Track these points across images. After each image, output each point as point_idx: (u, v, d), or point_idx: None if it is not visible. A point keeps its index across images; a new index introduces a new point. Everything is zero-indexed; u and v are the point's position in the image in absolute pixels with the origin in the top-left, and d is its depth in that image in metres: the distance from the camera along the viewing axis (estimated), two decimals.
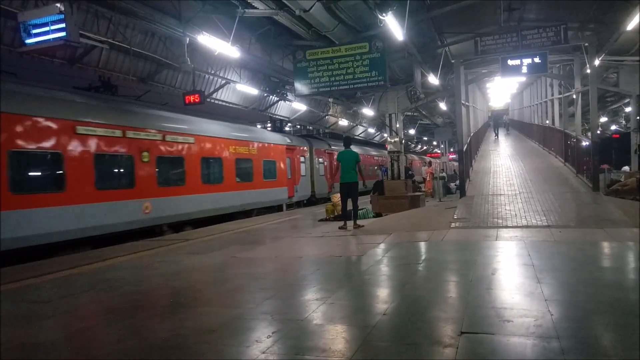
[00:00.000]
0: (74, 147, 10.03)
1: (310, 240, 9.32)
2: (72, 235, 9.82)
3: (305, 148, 21.81)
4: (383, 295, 5.00)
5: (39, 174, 9.92)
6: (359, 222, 10.35)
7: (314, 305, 4.43)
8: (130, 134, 11.42)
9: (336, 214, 12.28)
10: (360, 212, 12.41)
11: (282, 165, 18.76)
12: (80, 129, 10.16)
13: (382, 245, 7.91)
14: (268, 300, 4.78)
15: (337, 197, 11.95)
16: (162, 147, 12.42)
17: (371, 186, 15.07)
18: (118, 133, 11.09)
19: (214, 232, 11.13)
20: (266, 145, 17.84)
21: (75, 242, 9.94)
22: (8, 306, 5.08)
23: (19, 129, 9.00)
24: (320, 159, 22.56)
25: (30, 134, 9.21)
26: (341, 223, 10.33)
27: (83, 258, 8.07)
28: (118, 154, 11.19)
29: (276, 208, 18.38)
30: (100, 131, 10.66)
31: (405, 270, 6.09)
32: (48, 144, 9.53)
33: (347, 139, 11.29)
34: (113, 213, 10.79)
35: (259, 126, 23.30)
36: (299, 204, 20.81)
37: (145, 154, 11.78)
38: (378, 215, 12.74)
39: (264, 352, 3.29)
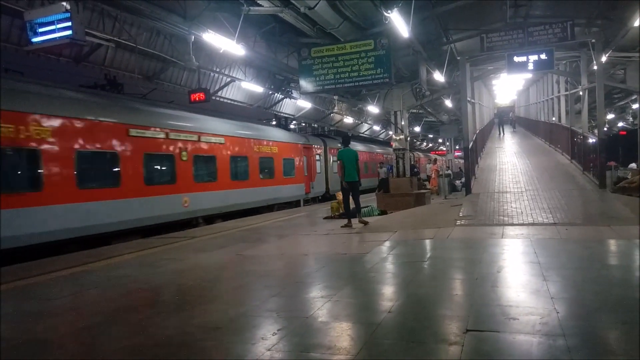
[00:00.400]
0: (127, 147, 11.24)
1: (315, 238, 9.33)
2: (125, 226, 10.97)
3: (320, 147, 22.88)
4: (388, 293, 5.00)
5: (99, 171, 11.04)
6: (358, 219, 10.38)
7: (319, 302, 4.43)
8: (172, 135, 12.65)
9: (341, 211, 12.29)
10: (365, 209, 12.43)
11: (299, 163, 19.93)
12: (132, 132, 11.37)
13: (387, 243, 7.90)
14: (273, 298, 4.80)
15: (341, 195, 11.97)
16: (197, 147, 13.60)
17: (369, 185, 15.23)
18: (162, 135, 12.32)
19: (220, 229, 11.16)
20: (286, 144, 19.04)
21: (127, 232, 11.04)
22: (16, 303, 5.13)
23: (85, 132, 10.21)
24: (334, 157, 23.30)
25: (94, 136, 10.43)
26: (344, 221, 10.35)
27: (89, 256, 8.12)
28: (162, 153, 12.41)
29: (294, 203, 19.33)
30: (148, 133, 11.88)
31: (411, 268, 6.09)
32: (107, 144, 10.78)
33: (346, 137, 11.26)
34: (159, 206, 11.99)
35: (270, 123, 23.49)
36: (315, 200, 21.62)
37: (184, 153, 13.00)
38: (383, 212, 12.74)
39: (269, 350, 3.30)
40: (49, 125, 9.40)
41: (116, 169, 10.98)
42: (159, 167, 12.56)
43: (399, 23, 10.82)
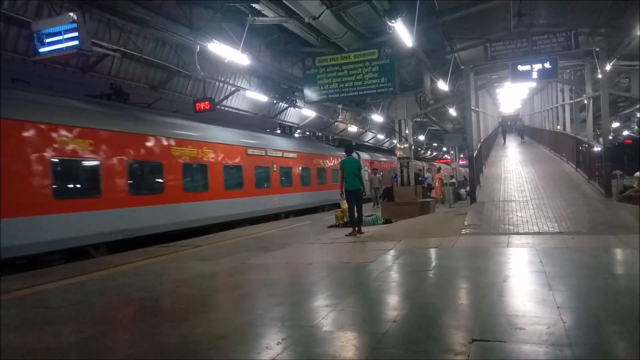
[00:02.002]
0: (246, 162, 16.13)
1: (319, 246, 9.31)
2: (245, 217, 15.48)
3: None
4: (393, 302, 4.97)
5: (233, 179, 15.44)
6: (363, 229, 10.37)
7: (324, 311, 4.42)
8: (269, 152, 17.68)
9: (345, 220, 12.27)
10: (369, 218, 12.41)
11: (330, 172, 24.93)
12: (249, 151, 16.37)
13: (392, 252, 7.88)
14: (278, 307, 4.79)
15: (346, 204, 11.96)
16: (281, 161, 18.52)
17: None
18: (263, 153, 17.36)
19: (224, 238, 11.17)
20: (332, 157, 24.10)
21: (245, 221, 15.38)
22: (21, 312, 5.14)
23: (227, 152, 15.18)
24: (365, 168, 26.36)
25: (232, 155, 15.42)
26: (349, 230, 10.35)
27: (95, 264, 8.14)
28: (265, 166, 17.24)
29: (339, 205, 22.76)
30: (257, 152, 16.81)
31: (416, 277, 6.07)
32: (236, 161, 15.64)
33: (349, 146, 11.27)
34: (261, 204, 16.78)
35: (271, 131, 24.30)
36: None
37: (274, 165, 17.98)
38: (388, 221, 12.71)
39: (274, 359, 3.29)
40: (214, 150, 14.38)
41: (240, 177, 15.65)
42: (262, 176, 17.12)
43: (403, 32, 10.87)
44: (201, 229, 13.04)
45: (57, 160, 9.53)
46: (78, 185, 10.51)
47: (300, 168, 20.05)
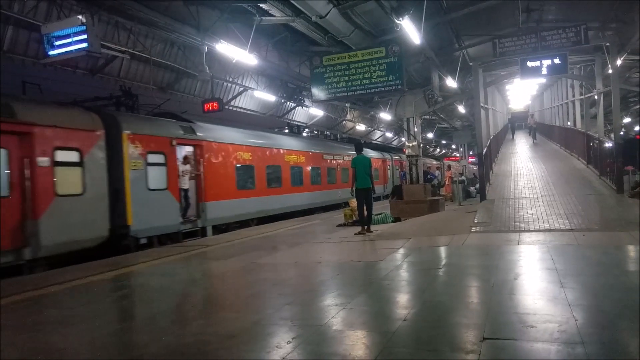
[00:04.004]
0: (324, 165, 21.69)
1: (329, 245, 9.31)
2: (321, 205, 20.33)
3: (389, 160, 31.06)
4: (403, 301, 4.96)
5: (316, 177, 20.97)
6: (372, 227, 10.34)
7: (334, 310, 4.42)
8: (335, 158, 22.94)
9: (354, 219, 12.26)
10: (379, 216, 12.39)
11: (381, 171, 29.06)
12: (325, 156, 21.83)
13: (401, 250, 7.86)
14: (288, 306, 4.80)
15: (355, 202, 11.95)
16: (342, 163, 23.21)
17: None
18: (332, 157, 22.53)
19: (234, 238, 11.21)
20: (376, 159, 27.73)
21: (319, 209, 20.17)
22: (31, 313, 5.19)
23: (312, 159, 20.75)
24: (396, 166, 32.04)
25: (316, 161, 21.03)
26: (358, 229, 10.33)
27: (105, 265, 8.20)
28: (332, 167, 22.46)
29: (381, 198, 26.90)
30: (327, 156, 22.12)
31: (426, 276, 6.05)
32: (317, 164, 21.02)
33: (359, 144, 11.25)
34: (333, 195, 21.60)
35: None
36: (387, 197, 28.51)
37: (338, 167, 22.91)
38: (397, 219, 12.68)
39: (284, 358, 3.30)
40: (306, 157, 19.92)
41: (319, 175, 20.91)
42: (332, 174, 22.26)
43: (411, 30, 10.82)
44: (298, 213, 18.11)
45: (239, 165, 14.97)
46: (246, 182, 15.35)
47: (341, 169, 24.11)
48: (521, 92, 39.13)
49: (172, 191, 11.94)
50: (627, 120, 39.30)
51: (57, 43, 8.99)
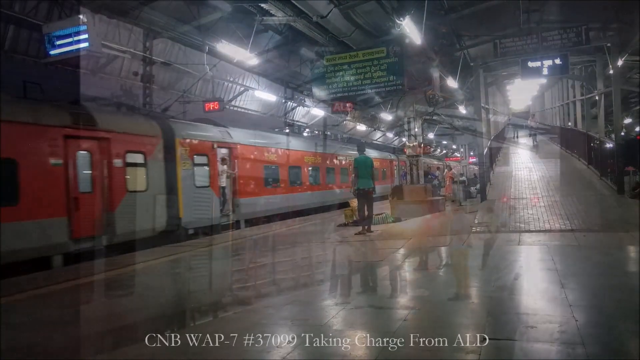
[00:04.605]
0: (338, 165, 21.87)
1: (329, 245, 9.31)
2: (329, 203, 19.82)
3: (395, 160, 31.99)
4: (403, 301, 4.96)
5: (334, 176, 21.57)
6: (373, 227, 10.33)
7: (334, 310, 4.42)
8: (347, 158, 23.06)
9: (355, 219, 12.23)
10: (379, 216, 12.37)
11: (388, 171, 30.11)
12: (338, 157, 22.04)
13: (401, 251, 7.86)
14: (288, 306, 4.80)
15: (355, 202, 11.94)
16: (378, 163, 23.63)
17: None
18: (345, 158, 22.44)
19: (235, 238, 11.21)
20: (382, 160, 28.71)
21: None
22: (40, 310, 5.20)
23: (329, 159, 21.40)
24: (402, 166, 31.99)
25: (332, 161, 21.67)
26: (359, 229, 10.32)
27: (108, 264, 8.19)
28: (345, 168, 22.08)
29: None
30: (341, 157, 22.26)
31: (426, 276, 6.05)
32: (333, 164, 21.62)
33: (361, 144, 11.28)
34: (347, 194, 18.92)
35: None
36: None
37: (350, 168, 21.69)
38: (397, 220, 12.66)
39: (284, 358, 3.30)
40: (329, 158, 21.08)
41: (333, 174, 21.29)
42: (345, 174, 21.64)
43: (412, 30, 10.81)
44: (319, 209, 19.04)
45: (266, 165, 15.85)
46: (271, 180, 16.12)
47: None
48: (522, 92, 39.00)
49: (213, 188, 12.97)
50: (627, 120, 39.17)
51: (58, 43, 8.99)
